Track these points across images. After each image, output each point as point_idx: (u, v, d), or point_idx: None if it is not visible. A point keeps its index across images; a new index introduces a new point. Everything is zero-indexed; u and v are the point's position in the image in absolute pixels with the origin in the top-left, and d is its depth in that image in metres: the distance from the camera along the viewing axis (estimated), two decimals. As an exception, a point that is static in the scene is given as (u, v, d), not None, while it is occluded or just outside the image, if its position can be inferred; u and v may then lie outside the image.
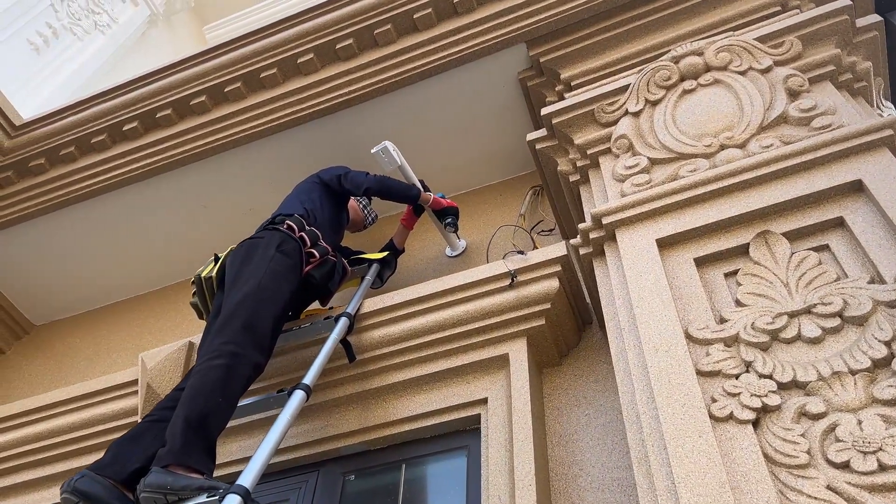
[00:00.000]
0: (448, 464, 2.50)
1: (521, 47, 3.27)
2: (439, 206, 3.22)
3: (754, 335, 1.82)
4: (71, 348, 4.18)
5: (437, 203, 3.22)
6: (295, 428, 2.72)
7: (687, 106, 2.55)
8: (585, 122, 2.75)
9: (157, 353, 2.92)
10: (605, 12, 3.11)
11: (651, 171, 2.44)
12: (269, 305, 2.42)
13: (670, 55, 2.68)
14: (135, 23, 7.03)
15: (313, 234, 2.79)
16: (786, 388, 1.71)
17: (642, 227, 2.24)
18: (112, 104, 3.82)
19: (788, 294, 1.90)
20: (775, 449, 1.59)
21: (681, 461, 1.61)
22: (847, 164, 2.08)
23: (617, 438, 2.28)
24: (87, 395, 3.05)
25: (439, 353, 2.61)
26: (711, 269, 2.09)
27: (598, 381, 2.48)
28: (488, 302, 2.56)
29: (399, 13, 3.39)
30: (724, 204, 2.17)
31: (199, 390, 2.07)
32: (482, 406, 2.49)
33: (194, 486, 1.85)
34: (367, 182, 3.06)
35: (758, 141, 2.30)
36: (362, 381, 2.69)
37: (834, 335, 1.77)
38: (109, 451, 2.14)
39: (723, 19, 2.91)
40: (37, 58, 5.71)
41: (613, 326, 2.13)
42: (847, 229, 1.98)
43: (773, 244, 2.04)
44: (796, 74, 2.42)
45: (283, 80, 3.60)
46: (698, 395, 1.72)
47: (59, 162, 3.94)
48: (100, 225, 4.00)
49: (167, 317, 4.03)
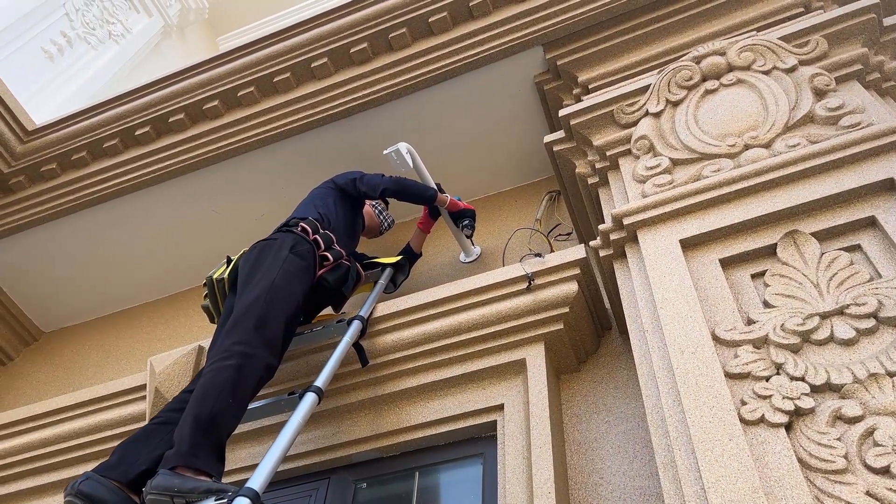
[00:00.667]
0: (463, 472, 2.42)
1: (538, 50, 3.23)
2: (456, 209, 3.17)
3: (784, 336, 1.75)
4: (79, 355, 4.14)
5: (453, 205, 3.16)
6: (306, 434, 2.65)
7: (709, 106, 2.49)
8: (604, 123, 2.70)
9: (166, 358, 2.87)
10: (623, 14, 3.07)
11: (673, 172, 2.38)
12: (281, 306, 2.36)
13: (691, 55, 2.63)
14: (149, 33, 7.06)
15: (327, 238, 2.74)
16: (819, 390, 1.63)
17: (665, 227, 2.18)
18: (125, 109, 3.81)
19: (819, 295, 1.83)
20: (810, 453, 1.52)
21: (710, 466, 1.54)
22: (878, 163, 2.02)
23: (639, 446, 2.20)
24: (94, 400, 3.00)
25: (454, 357, 2.54)
26: (738, 270, 2.02)
27: (619, 388, 2.41)
28: (505, 306, 2.50)
29: (414, 17, 3.36)
30: (749, 204, 2.10)
31: (208, 391, 2.01)
32: (498, 412, 2.42)
33: (202, 488, 1.79)
34: (384, 183, 3.02)
35: (783, 140, 2.24)
36: (375, 386, 2.63)
37: (869, 336, 1.70)
38: (115, 454, 2.08)
39: (744, 21, 2.86)
40: (50, 66, 5.73)
41: (636, 329, 2.06)
42: (879, 228, 1.91)
43: (801, 244, 1.97)
44: (822, 73, 2.37)
45: (297, 84, 3.57)
46: (727, 397, 1.65)
47: (71, 167, 3.92)
48: (110, 230, 3.97)
49: (177, 323, 3.99)
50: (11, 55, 5.35)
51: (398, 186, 3.04)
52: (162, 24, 7.33)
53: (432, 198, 3.10)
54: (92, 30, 6.24)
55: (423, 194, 3.10)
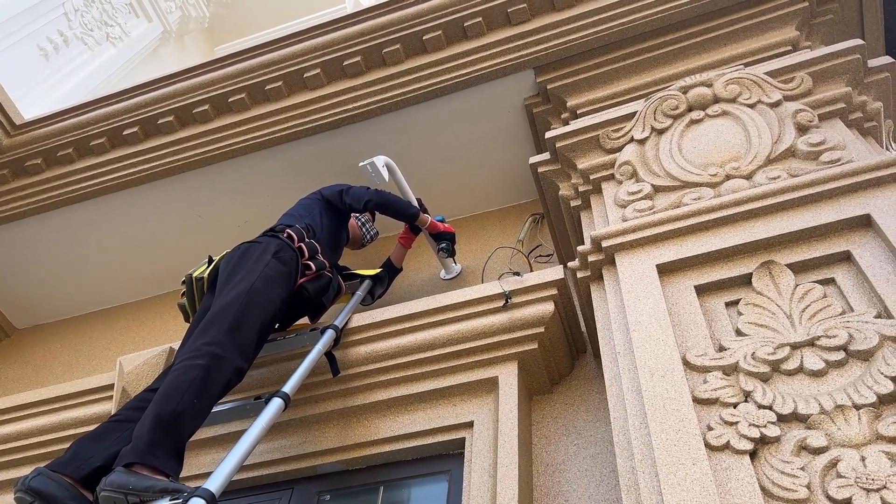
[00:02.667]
0: (428, 488, 2.39)
1: (529, 73, 3.25)
2: (435, 230, 3.16)
3: (755, 365, 1.75)
4: (50, 353, 4.08)
5: (433, 226, 3.16)
6: (271, 443, 2.61)
7: (693, 136, 2.51)
8: (590, 147, 2.71)
9: (136, 358, 2.83)
10: (614, 43, 3.10)
11: (654, 198, 2.39)
12: (258, 310, 2.33)
13: (679, 85, 2.66)
14: (147, 38, 7.08)
15: (312, 247, 2.73)
16: (786, 420, 1.63)
17: (643, 251, 2.18)
18: (114, 108, 3.79)
19: (791, 326, 1.83)
20: (773, 482, 1.50)
21: (673, 490, 1.53)
22: (855, 199, 2.03)
23: (606, 470, 2.18)
24: (61, 398, 2.95)
25: (427, 372, 2.52)
26: (712, 297, 2.02)
27: (590, 412, 2.39)
28: (481, 322, 2.48)
29: (409, 34, 3.38)
30: (727, 233, 2.11)
31: (174, 389, 1.97)
32: (468, 430, 2.40)
33: (157, 487, 1.75)
34: (368, 195, 3.02)
35: (765, 172, 2.25)
36: (345, 397, 2.60)
37: (838, 369, 1.69)
38: (69, 450, 2.02)
39: (732, 56, 2.90)
40: (45, 64, 5.72)
41: (609, 350, 2.05)
42: (854, 263, 1.91)
43: (776, 275, 1.98)
44: (806, 110, 2.39)
45: (289, 93, 3.57)
46: (694, 422, 1.64)
47: (56, 163, 3.89)
48: (91, 229, 3.94)
49: (151, 327, 3.94)
50: (6, 51, 5.35)
51: (382, 199, 3.04)
52: (161, 30, 7.36)
53: (414, 216, 3.11)
54: (90, 31, 6.25)
55: (405, 211, 3.10)
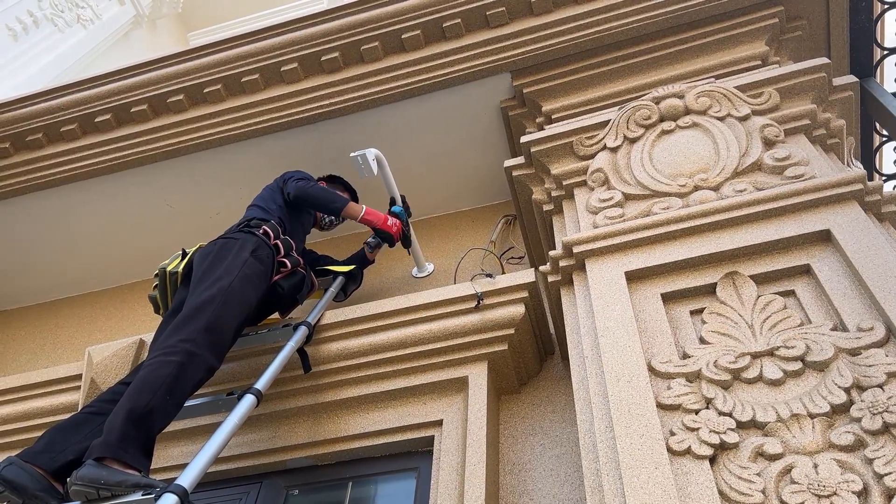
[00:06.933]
0: (396, 485, 2.43)
1: (506, 76, 3.29)
2: (371, 225, 3.00)
3: (716, 373, 1.81)
4: (14, 341, 4.03)
5: (369, 221, 2.98)
6: (241, 437, 2.63)
7: (664, 146, 2.58)
8: (563, 153, 2.76)
9: (105, 349, 2.82)
10: (590, 50, 3.15)
11: (625, 206, 2.45)
12: (234, 310, 2.35)
13: (651, 95, 2.72)
14: (118, 21, 6.97)
15: (287, 244, 2.74)
16: (745, 426, 1.70)
17: (612, 258, 2.24)
18: (87, 94, 3.73)
19: (752, 335, 1.90)
20: (730, 486, 1.57)
21: (635, 492, 1.58)
22: (817, 214, 2.11)
23: (570, 470, 2.24)
24: (26, 387, 2.93)
25: (397, 370, 2.55)
26: (678, 305, 2.09)
27: (556, 412, 2.45)
28: (452, 323, 2.53)
29: (387, 32, 3.38)
30: (694, 243, 2.18)
31: (147, 384, 1.98)
32: (437, 428, 2.44)
33: (130, 482, 1.77)
34: (290, 188, 2.96)
35: (731, 185, 2.33)
36: (315, 393, 2.62)
37: (795, 378, 1.77)
38: (41, 440, 2.03)
39: (704, 67, 2.97)
40: (13, 44, 5.61)
41: (577, 354, 2.11)
42: (813, 277, 1.99)
43: (740, 286, 2.05)
44: (772, 125, 2.47)
45: (265, 86, 3.56)
46: (657, 427, 1.70)
47: (25, 148, 3.82)
48: (59, 216, 3.88)
49: (119, 315, 3.91)
50: (-27, 29, 5.24)
51: (302, 193, 2.95)
52: (133, 13, 7.25)
53: (338, 210, 2.96)
54: (60, 12, 6.14)
55: (328, 205, 2.96)
